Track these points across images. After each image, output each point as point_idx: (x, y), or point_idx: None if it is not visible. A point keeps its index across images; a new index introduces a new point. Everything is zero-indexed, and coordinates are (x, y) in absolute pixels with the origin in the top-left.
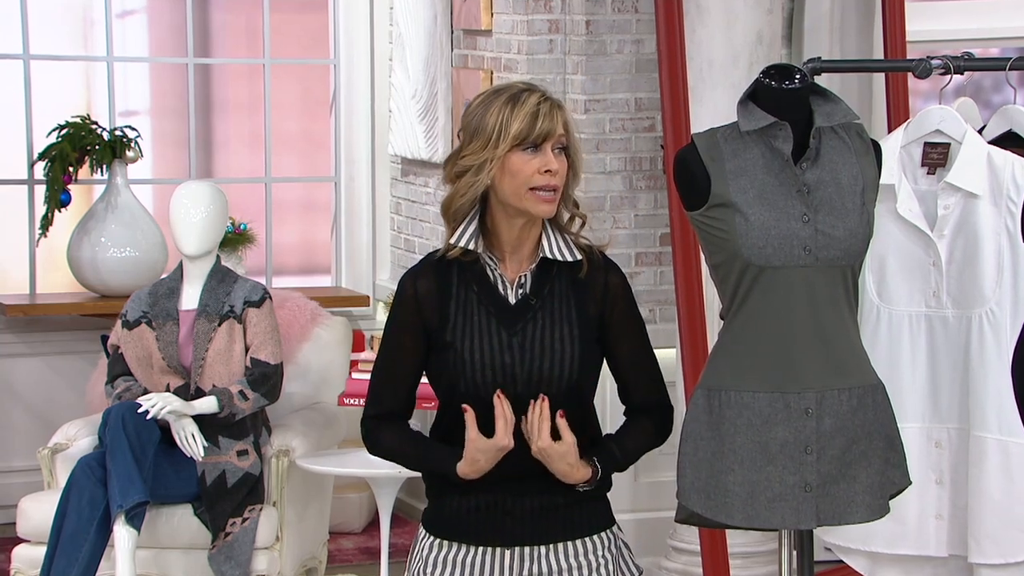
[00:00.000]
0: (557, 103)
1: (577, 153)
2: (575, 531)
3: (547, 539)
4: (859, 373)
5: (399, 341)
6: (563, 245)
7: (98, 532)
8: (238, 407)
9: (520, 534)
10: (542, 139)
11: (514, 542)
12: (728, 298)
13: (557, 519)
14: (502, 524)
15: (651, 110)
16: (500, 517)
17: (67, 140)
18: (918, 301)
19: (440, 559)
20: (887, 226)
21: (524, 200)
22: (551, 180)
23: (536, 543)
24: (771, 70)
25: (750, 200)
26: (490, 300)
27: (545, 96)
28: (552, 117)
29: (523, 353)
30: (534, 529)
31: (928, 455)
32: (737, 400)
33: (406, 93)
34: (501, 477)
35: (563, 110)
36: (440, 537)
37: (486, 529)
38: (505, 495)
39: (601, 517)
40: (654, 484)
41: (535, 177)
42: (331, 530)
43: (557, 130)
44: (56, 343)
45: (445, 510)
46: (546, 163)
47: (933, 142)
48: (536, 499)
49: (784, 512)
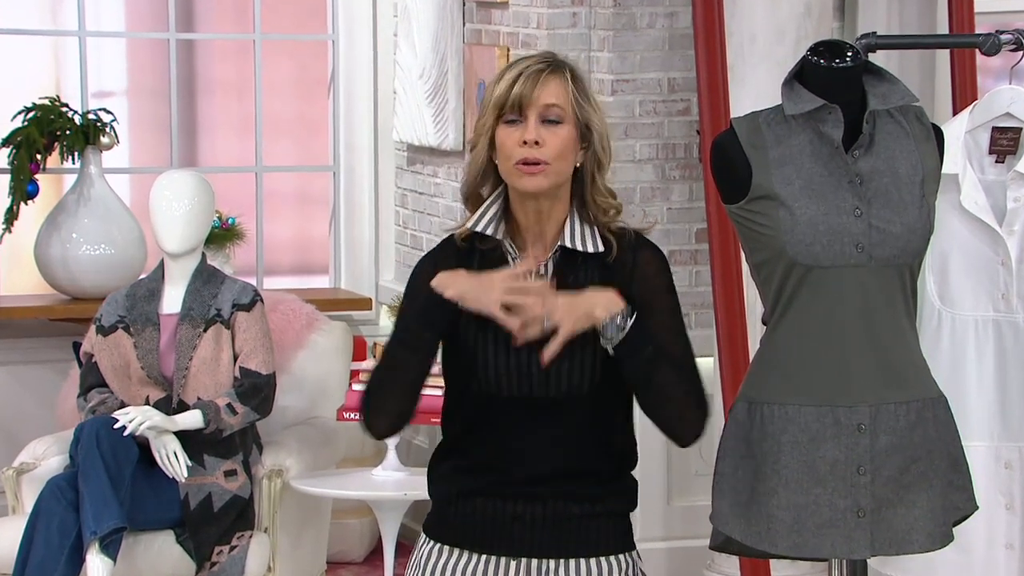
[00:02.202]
0: (554, 69)
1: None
2: (590, 548)
3: (558, 553)
4: (918, 385)
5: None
6: (587, 234)
7: (69, 562)
8: (225, 422)
9: (529, 544)
10: (519, 107)
11: (521, 552)
12: (771, 301)
13: (571, 532)
14: (511, 531)
15: (686, 91)
16: (509, 523)
17: (34, 124)
18: (985, 304)
19: (439, 567)
20: (950, 221)
21: (512, 177)
22: (531, 152)
23: (546, 556)
24: (820, 47)
25: (796, 192)
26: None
27: (541, 62)
28: (533, 83)
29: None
30: (545, 540)
31: (997, 477)
32: (781, 414)
33: (413, 72)
34: (512, 482)
35: (560, 78)
36: (441, 543)
37: (492, 536)
38: (516, 500)
39: (620, 538)
40: (689, 508)
41: (516, 150)
42: (329, 559)
43: (542, 99)
44: (22, 351)
45: (449, 513)
46: (524, 134)
47: (1002, 127)
48: (550, 506)
49: (834, 540)
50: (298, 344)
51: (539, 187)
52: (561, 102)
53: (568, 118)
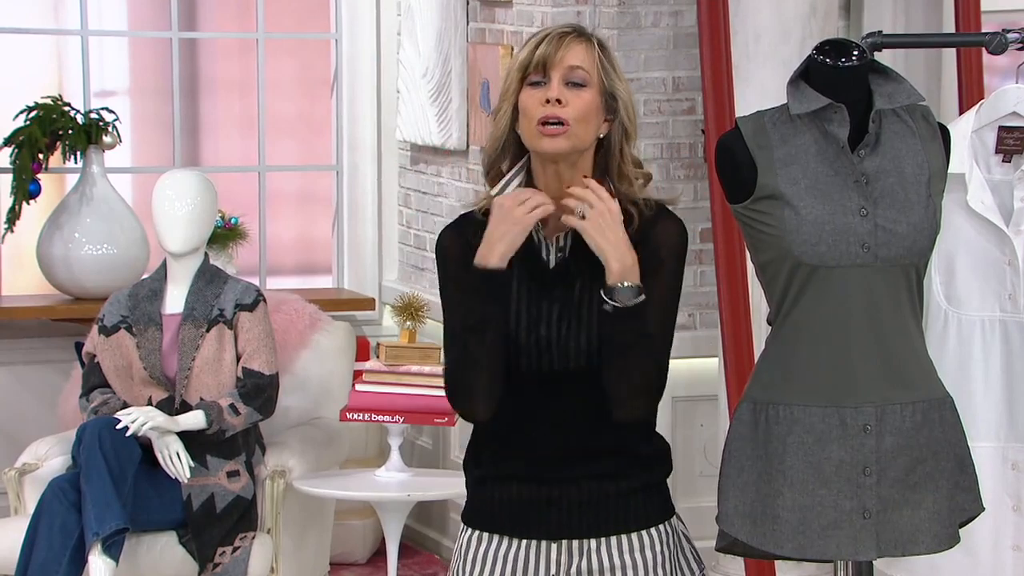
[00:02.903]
0: (580, 36)
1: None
2: (629, 523)
3: (597, 532)
4: (924, 386)
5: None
6: None
7: (71, 563)
8: (228, 423)
9: (567, 526)
10: (542, 67)
11: (560, 535)
12: (776, 301)
13: (608, 510)
14: (547, 515)
15: (691, 90)
16: (544, 507)
17: (36, 124)
18: (991, 304)
19: (480, 555)
20: (956, 220)
21: (534, 139)
22: (553, 110)
23: (585, 536)
24: (825, 46)
25: (801, 191)
26: (528, 263)
27: (567, 27)
28: (559, 45)
29: (558, 322)
30: (582, 521)
31: (1003, 478)
32: (787, 415)
33: (416, 71)
34: (544, 463)
35: (586, 43)
36: (480, 530)
37: (529, 520)
38: (551, 485)
39: (658, 508)
40: (693, 509)
41: (538, 108)
42: (332, 561)
43: (566, 60)
44: (24, 351)
45: (485, 500)
46: (547, 93)
47: (1009, 126)
48: (585, 487)
49: (840, 541)
50: (301, 344)
51: (559, 148)
52: (586, 65)
53: (593, 83)
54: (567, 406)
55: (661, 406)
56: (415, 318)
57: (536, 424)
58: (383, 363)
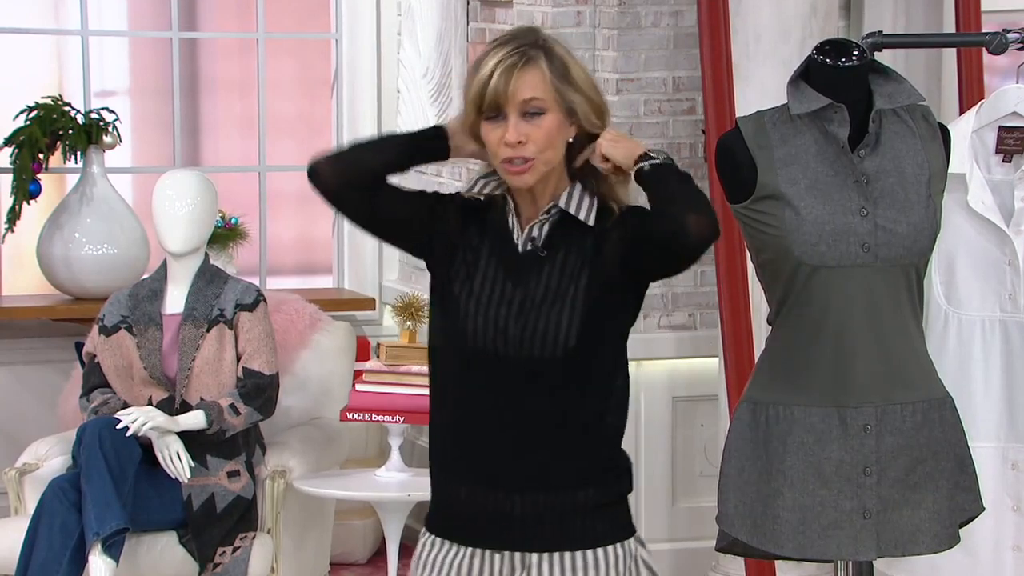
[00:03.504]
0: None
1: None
2: (576, 541)
3: (540, 547)
4: (924, 386)
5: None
6: (585, 203)
7: (72, 563)
8: (228, 423)
9: (510, 538)
10: (496, 107)
11: (505, 546)
12: (777, 301)
13: (555, 524)
14: (494, 524)
15: (691, 90)
16: (491, 515)
17: (36, 124)
18: (992, 305)
19: (431, 559)
20: (957, 220)
21: (501, 173)
22: (516, 151)
23: (528, 549)
24: (826, 46)
25: (801, 191)
26: (500, 246)
27: (514, 52)
28: (508, 78)
29: (521, 309)
30: (525, 533)
31: (1004, 478)
32: (787, 415)
33: (416, 71)
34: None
35: (535, 68)
36: (435, 535)
37: (476, 529)
38: (498, 492)
39: (613, 527)
40: (694, 509)
41: (501, 148)
42: (332, 561)
43: (519, 94)
44: (24, 351)
45: (441, 502)
46: (504, 134)
47: (1009, 126)
48: (531, 498)
49: (840, 541)
50: (301, 344)
51: (527, 184)
52: (540, 93)
53: (551, 105)
54: (522, 407)
55: (661, 406)
56: (415, 318)
57: (488, 426)
58: (383, 363)
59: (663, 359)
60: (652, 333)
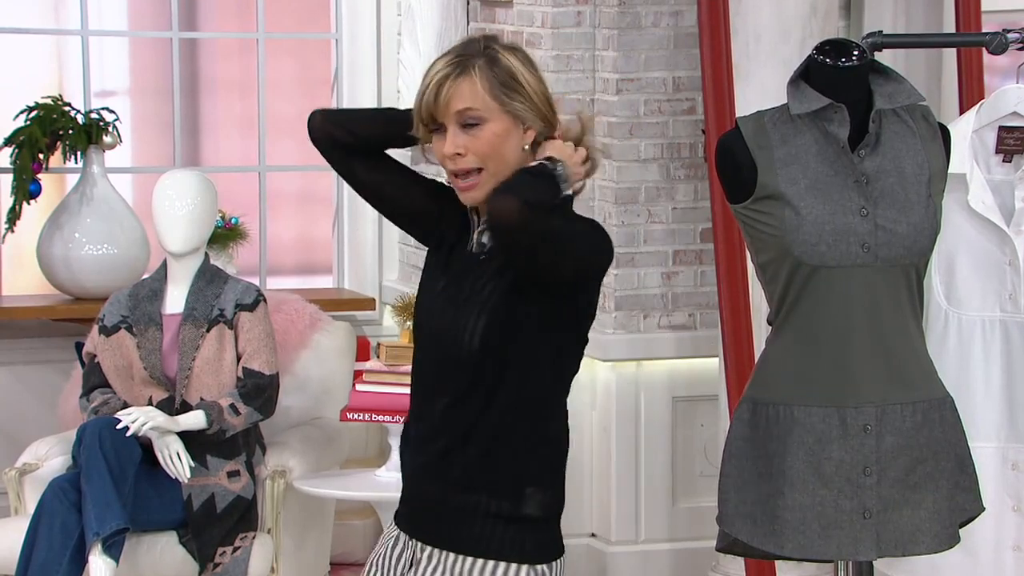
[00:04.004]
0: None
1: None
2: (467, 545)
3: (436, 542)
4: (925, 386)
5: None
6: None
7: (72, 563)
8: (228, 423)
9: (417, 527)
10: (433, 119)
11: (413, 534)
12: (777, 301)
13: (453, 523)
14: (414, 512)
15: (691, 90)
16: (412, 503)
17: (36, 124)
18: (992, 305)
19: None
20: (957, 220)
21: (455, 189)
22: (456, 165)
23: (427, 542)
24: (826, 46)
25: (801, 191)
26: (459, 245)
27: (448, 65)
28: (438, 92)
29: (444, 307)
30: (430, 527)
31: (1004, 478)
32: (787, 415)
33: (416, 71)
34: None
35: (467, 78)
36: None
37: (400, 514)
38: (425, 480)
39: (512, 544)
40: (693, 509)
41: (446, 161)
42: (333, 561)
43: (452, 105)
44: (24, 351)
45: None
46: (442, 148)
47: (1009, 126)
48: (442, 495)
49: (840, 541)
50: (301, 344)
51: (476, 200)
52: (474, 103)
53: (490, 114)
54: (442, 404)
55: (661, 406)
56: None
57: (421, 418)
58: (383, 363)
59: (663, 359)
60: (652, 333)
